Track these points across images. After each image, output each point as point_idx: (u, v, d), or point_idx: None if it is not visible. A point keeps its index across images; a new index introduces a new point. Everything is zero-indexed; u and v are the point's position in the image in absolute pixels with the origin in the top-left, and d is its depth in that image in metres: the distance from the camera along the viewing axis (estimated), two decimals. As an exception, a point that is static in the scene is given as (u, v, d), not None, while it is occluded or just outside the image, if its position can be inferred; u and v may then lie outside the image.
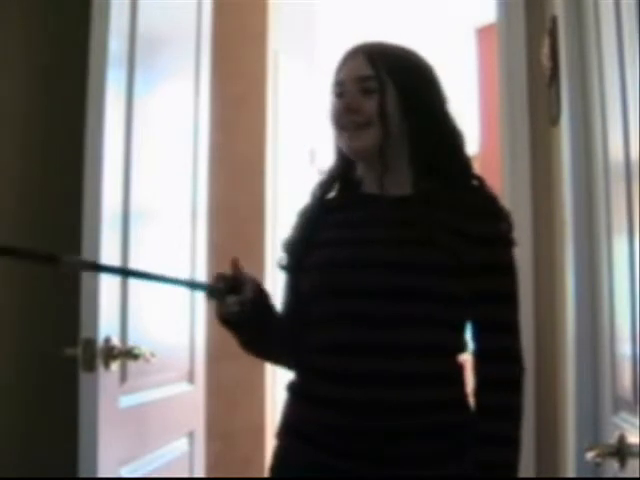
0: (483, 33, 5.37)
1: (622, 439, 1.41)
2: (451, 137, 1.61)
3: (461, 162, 1.62)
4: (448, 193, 1.57)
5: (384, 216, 1.56)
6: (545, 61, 2.34)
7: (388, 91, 1.55)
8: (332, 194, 1.69)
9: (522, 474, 2.51)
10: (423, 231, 1.52)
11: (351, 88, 1.57)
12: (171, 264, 2.39)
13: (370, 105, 1.55)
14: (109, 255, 1.94)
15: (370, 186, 1.61)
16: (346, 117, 1.56)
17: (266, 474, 1.62)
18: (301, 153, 4.84)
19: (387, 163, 1.56)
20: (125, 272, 1.65)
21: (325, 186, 1.68)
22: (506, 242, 1.57)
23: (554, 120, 2.29)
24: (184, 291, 2.49)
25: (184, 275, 2.49)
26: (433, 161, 1.59)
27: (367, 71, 1.56)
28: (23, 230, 2.13)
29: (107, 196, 1.92)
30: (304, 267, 1.59)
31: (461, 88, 6.28)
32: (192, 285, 1.51)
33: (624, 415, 1.58)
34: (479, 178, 1.62)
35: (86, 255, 1.90)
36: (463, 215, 1.54)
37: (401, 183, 1.58)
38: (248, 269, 1.51)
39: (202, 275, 2.60)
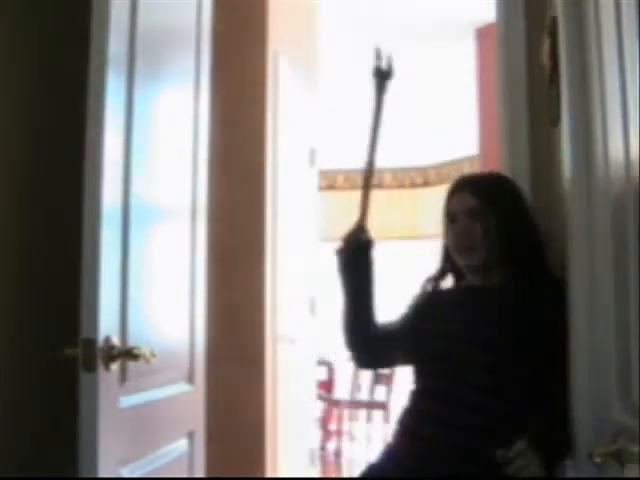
0: (483, 33, 5.36)
1: (622, 439, 1.41)
2: (533, 236, 2.14)
3: (539, 255, 2.13)
4: (531, 283, 2.05)
5: (482, 304, 2.11)
6: (545, 61, 2.34)
7: (490, 217, 2.09)
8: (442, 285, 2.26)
9: (522, 474, 2.51)
10: (515, 316, 2.00)
11: (462, 217, 2.13)
12: (171, 264, 2.40)
13: (477, 230, 2.10)
14: (109, 255, 1.94)
15: (472, 280, 2.19)
16: (461, 241, 2.13)
17: (268, 474, 1.62)
18: (301, 153, 4.84)
19: (490, 271, 2.13)
20: None
21: (434, 280, 2.26)
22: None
23: (554, 120, 2.29)
24: (184, 291, 2.49)
25: (184, 275, 2.49)
26: (519, 259, 2.09)
27: (473, 203, 2.12)
28: (22, 230, 2.13)
29: (107, 195, 1.92)
30: (425, 329, 2.16)
31: (461, 88, 6.29)
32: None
33: (624, 415, 1.58)
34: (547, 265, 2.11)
35: (86, 255, 1.90)
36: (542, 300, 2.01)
37: (492, 277, 2.13)
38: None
39: (201, 275, 2.60)
